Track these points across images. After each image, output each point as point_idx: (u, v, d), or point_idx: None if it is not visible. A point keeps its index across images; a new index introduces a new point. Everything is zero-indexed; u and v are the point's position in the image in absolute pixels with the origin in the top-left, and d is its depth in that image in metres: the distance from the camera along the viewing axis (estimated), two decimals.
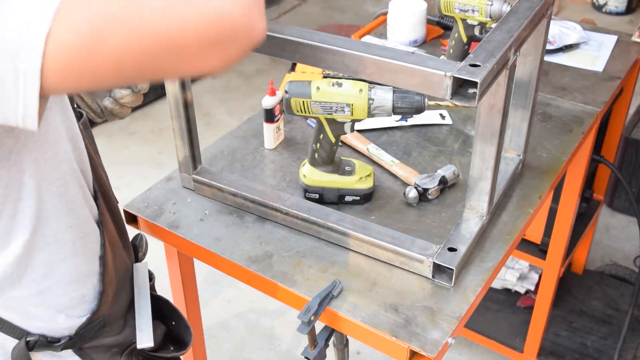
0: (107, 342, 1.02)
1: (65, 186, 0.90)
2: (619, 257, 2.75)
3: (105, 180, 1.04)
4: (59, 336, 0.96)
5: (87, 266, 0.96)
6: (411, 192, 1.34)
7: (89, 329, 0.98)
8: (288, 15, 4.72)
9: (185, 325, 1.16)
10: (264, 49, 1.10)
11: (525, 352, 2.18)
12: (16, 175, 0.84)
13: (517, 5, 1.15)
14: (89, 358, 1.00)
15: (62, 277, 0.93)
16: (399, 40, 1.91)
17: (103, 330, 1.00)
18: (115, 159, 3.30)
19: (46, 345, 0.95)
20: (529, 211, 1.33)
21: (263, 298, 1.44)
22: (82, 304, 0.97)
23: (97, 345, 1.00)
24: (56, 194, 0.89)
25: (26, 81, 0.65)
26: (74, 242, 0.93)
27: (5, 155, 0.81)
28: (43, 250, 0.90)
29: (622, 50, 1.87)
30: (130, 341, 1.06)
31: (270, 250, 1.26)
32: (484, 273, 1.19)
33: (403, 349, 1.08)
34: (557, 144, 1.52)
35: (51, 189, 0.88)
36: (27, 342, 0.94)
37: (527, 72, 1.32)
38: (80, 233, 0.94)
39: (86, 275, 0.96)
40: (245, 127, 1.59)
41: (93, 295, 0.98)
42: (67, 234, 0.92)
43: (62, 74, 0.66)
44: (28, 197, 0.86)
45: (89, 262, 0.96)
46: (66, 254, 0.93)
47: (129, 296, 1.08)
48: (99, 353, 1.01)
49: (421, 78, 0.99)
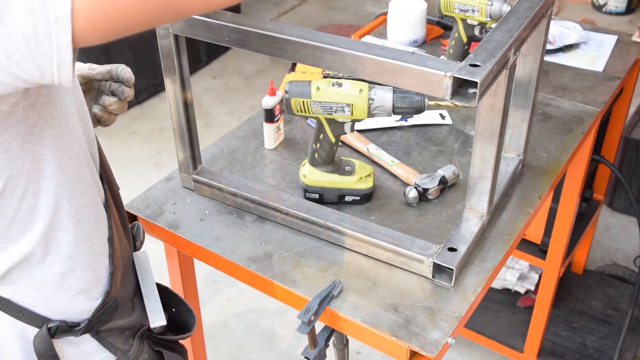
0: (120, 325, 1.04)
1: (78, 166, 0.92)
2: (619, 257, 2.75)
3: (108, 166, 1.06)
4: (78, 320, 0.98)
5: (100, 247, 0.98)
6: (411, 192, 1.34)
7: (105, 311, 1.00)
8: (288, 15, 4.73)
9: (187, 309, 1.18)
10: (264, 49, 1.10)
11: (525, 352, 2.18)
12: (40, 150, 0.86)
13: (517, 5, 1.15)
14: (105, 342, 1.02)
15: (83, 258, 0.95)
16: (399, 40, 1.91)
17: (116, 311, 1.02)
18: (115, 159, 3.30)
19: (67, 330, 0.97)
20: (529, 211, 1.33)
21: (263, 298, 1.44)
22: (98, 285, 0.99)
23: (112, 328, 1.03)
24: (72, 172, 0.91)
25: (57, 27, 0.68)
26: (89, 222, 0.95)
27: (30, 130, 0.83)
28: (67, 231, 0.92)
29: (622, 50, 1.87)
30: (140, 324, 1.08)
31: (270, 250, 1.26)
32: (484, 273, 1.20)
33: (403, 349, 1.08)
34: (557, 144, 1.52)
35: (69, 168, 0.90)
36: (48, 328, 0.95)
37: (527, 72, 1.32)
38: (93, 214, 0.96)
39: (100, 256, 0.98)
40: (245, 127, 1.59)
41: (106, 277, 1.00)
42: (84, 214, 0.94)
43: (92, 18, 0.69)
44: (51, 174, 0.88)
45: (101, 243, 0.99)
46: (85, 235, 0.95)
47: (133, 282, 1.10)
48: (114, 336, 1.03)
49: (421, 78, 0.99)
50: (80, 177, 0.93)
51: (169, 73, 1.23)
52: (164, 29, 1.17)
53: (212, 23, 1.12)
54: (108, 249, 1.00)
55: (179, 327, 1.17)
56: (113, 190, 1.06)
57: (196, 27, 1.14)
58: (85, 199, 0.94)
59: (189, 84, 1.26)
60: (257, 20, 1.11)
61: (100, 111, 1.14)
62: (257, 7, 4.81)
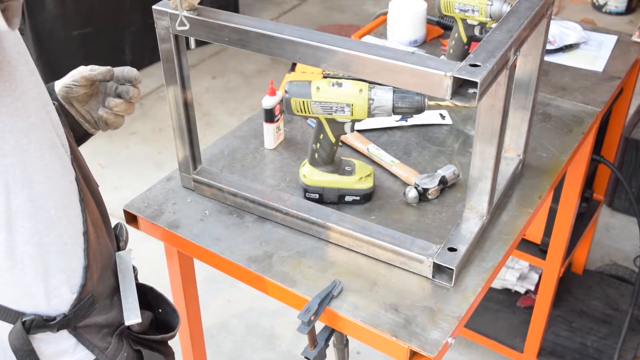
0: (98, 322, 1.03)
1: (40, 151, 0.91)
2: (619, 257, 2.75)
3: (83, 162, 1.05)
4: (54, 314, 0.97)
5: (72, 239, 0.97)
6: (411, 192, 1.34)
7: (81, 306, 0.99)
8: (288, 15, 4.73)
9: (172, 309, 1.17)
10: (264, 49, 1.10)
11: (525, 352, 2.18)
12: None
13: (517, 5, 1.15)
14: (83, 339, 1.01)
15: (51, 247, 0.94)
16: (399, 40, 1.91)
17: (93, 307, 1.02)
18: (115, 159, 3.30)
19: (42, 325, 0.96)
20: (529, 211, 1.33)
21: (263, 298, 1.44)
22: (73, 278, 0.98)
23: (89, 325, 1.02)
24: (34, 156, 0.90)
25: None
26: (56, 209, 0.94)
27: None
28: (27, 217, 0.91)
29: (622, 50, 1.87)
30: (119, 322, 1.07)
31: (270, 250, 1.26)
32: (484, 273, 1.19)
33: (403, 349, 1.08)
34: (557, 144, 1.52)
35: (29, 150, 0.89)
36: (23, 322, 0.94)
37: (527, 72, 1.32)
38: (61, 203, 0.95)
39: (72, 247, 0.97)
40: (245, 127, 1.59)
41: (80, 270, 0.99)
42: (49, 200, 0.93)
43: None
44: (10, 154, 0.87)
45: (74, 235, 0.97)
46: (50, 223, 0.93)
47: (113, 282, 1.09)
48: (92, 333, 1.02)
49: (421, 78, 0.99)
50: (44, 162, 0.91)
51: (169, 73, 1.23)
52: (163, 29, 1.17)
53: (212, 23, 1.12)
54: (83, 242, 0.99)
55: (165, 327, 1.17)
56: (91, 187, 1.04)
57: (196, 27, 1.14)
58: (50, 185, 0.93)
59: (189, 84, 1.26)
60: (257, 20, 1.11)
61: (106, 113, 1.13)
62: (257, 7, 4.82)
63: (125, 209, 1.36)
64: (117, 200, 1.44)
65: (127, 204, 1.37)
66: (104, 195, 1.10)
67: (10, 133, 0.86)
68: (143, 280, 1.18)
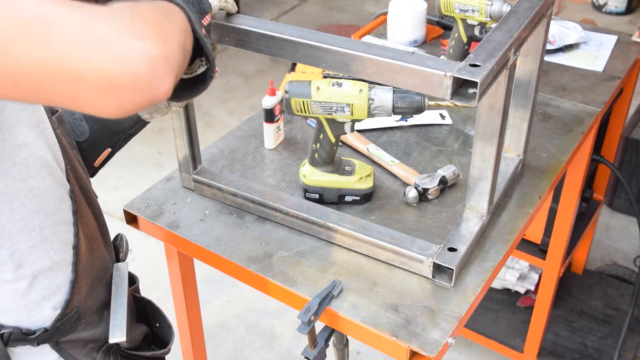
0: (83, 337, 1.00)
1: (27, 171, 0.89)
2: (619, 257, 2.75)
3: (82, 173, 1.03)
4: (34, 328, 0.94)
5: (60, 255, 0.95)
6: (411, 192, 1.34)
7: (65, 322, 0.97)
8: (288, 15, 4.73)
9: (167, 325, 1.16)
10: (264, 49, 1.10)
11: (525, 352, 2.18)
12: None
13: (517, 5, 1.15)
14: (66, 354, 0.98)
15: (33, 265, 0.92)
16: (399, 40, 1.91)
17: (79, 322, 0.99)
18: (115, 159, 3.29)
19: (21, 338, 0.93)
20: (529, 211, 1.33)
21: (263, 298, 1.44)
22: (57, 294, 0.95)
23: (73, 340, 0.99)
24: (18, 178, 0.88)
25: None
26: (41, 229, 0.91)
27: None
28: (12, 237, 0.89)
29: (622, 50, 1.87)
30: (106, 338, 1.04)
31: (270, 250, 1.26)
32: (484, 273, 1.19)
33: (403, 349, 1.08)
34: (557, 144, 1.52)
35: (13, 173, 0.87)
36: (1, 335, 0.92)
37: (527, 72, 1.32)
38: (49, 221, 0.92)
39: (59, 265, 0.95)
40: (245, 127, 1.59)
41: (67, 286, 0.97)
42: (34, 220, 0.90)
43: None
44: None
45: (62, 251, 0.95)
46: (35, 241, 0.91)
47: (105, 295, 1.07)
48: (76, 348, 1.00)
49: (421, 78, 0.99)
50: (31, 182, 0.89)
51: None
52: None
53: (212, 23, 1.12)
54: (72, 256, 0.96)
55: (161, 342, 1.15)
56: (88, 199, 1.02)
57: None
58: (36, 205, 0.90)
59: None
60: (257, 20, 1.11)
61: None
62: (257, 7, 4.82)
63: (125, 209, 1.36)
64: (117, 200, 1.44)
65: (127, 204, 1.37)
66: (104, 196, 1.09)
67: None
68: (143, 280, 1.17)
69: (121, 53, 0.68)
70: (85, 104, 0.70)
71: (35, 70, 0.66)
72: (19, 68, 0.66)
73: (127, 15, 0.72)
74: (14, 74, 0.67)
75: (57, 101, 0.71)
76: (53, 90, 0.68)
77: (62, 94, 0.69)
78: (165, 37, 0.73)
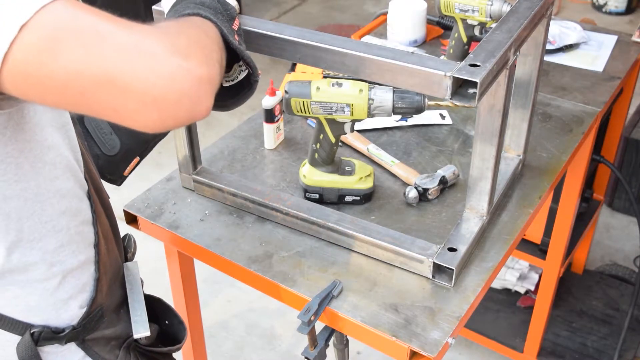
0: (106, 334, 1.03)
1: (54, 172, 0.90)
2: (619, 257, 2.75)
3: (96, 174, 1.05)
4: (62, 326, 0.97)
5: (85, 254, 0.97)
6: (411, 192, 1.34)
7: (90, 319, 0.99)
8: (288, 15, 4.73)
9: (179, 321, 1.17)
10: (264, 49, 1.10)
11: (525, 352, 2.18)
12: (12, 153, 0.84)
13: (517, 5, 1.15)
14: (91, 351, 1.01)
15: (63, 265, 0.94)
16: (399, 40, 1.91)
17: (102, 320, 1.01)
18: None
19: (51, 337, 0.95)
20: (529, 211, 1.33)
21: (263, 298, 1.44)
22: (83, 293, 0.98)
23: (97, 338, 1.01)
24: (48, 178, 0.89)
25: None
26: (68, 229, 0.93)
27: (1, 130, 0.82)
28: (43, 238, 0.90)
29: (622, 50, 1.87)
30: (126, 334, 1.07)
31: (270, 250, 1.26)
32: (484, 273, 1.19)
33: (403, 349, 1.08)
34: (557, 144, 1.52)
35: (44, 173, 0.89)
36: (32, 334, 0.93)
37: (527, 72, 1.32)
38: (74, 221, 0.94)
39: (84, 264, 0.97)
40: (245, 127, 1.59)
41: (91, 284, 0.99)
42: (62, 220, 0.92)
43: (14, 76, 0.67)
44: (24, 179, 0.86)
45: (86, 250, 0.97)
46: (63, 241, 0.93)
47: (120, 294, 1.09)
48: (100, 346, 1.02)
49: (421, 78, 0.99)
50: (58, 183, 0.91)
51: None
52: None
53: None
54: (94, 255, 0.99)
55: (171, 339, 1.16)
56: (102, 199, 1.04)
57: None
58: (63, 205, 0.92)
59: None
60: (257, 20, 1.11)
61: None
62: (257, 7, 4.81)
63: (125, 209, 1.36)
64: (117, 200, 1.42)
65: (127, 204, 1.37)
66: None
67: (26, 159, 0.86)
68: (143, 280, 1.17)
69: (169, 70, 0.69)
70: (127, 116, 0.70)
71: (81, 77, 0.67)
72: (66, 74, 0.67)
73: (174, 34, 0.74)
74: (60, 80, 0.67)
75: (98, 111, 0.71)
76: (96, 99, 0.69)
77: (104, 104, 0.69)
78: (208, 56, 0.75)
